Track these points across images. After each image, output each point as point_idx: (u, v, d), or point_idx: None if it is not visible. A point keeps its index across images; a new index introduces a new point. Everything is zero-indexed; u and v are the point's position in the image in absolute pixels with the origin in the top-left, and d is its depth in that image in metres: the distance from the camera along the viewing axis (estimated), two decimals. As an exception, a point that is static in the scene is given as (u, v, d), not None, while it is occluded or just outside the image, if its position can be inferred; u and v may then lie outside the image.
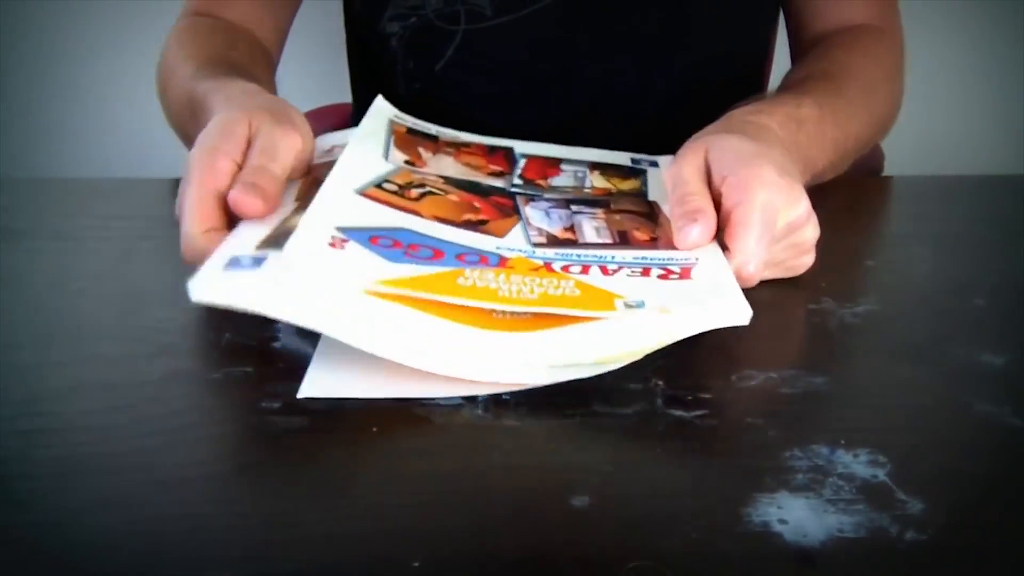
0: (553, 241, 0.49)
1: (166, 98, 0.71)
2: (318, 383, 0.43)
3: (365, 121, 0.62)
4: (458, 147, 0.63)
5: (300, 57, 1.34)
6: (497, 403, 0.42)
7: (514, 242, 0.49)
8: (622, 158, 0.64)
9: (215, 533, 0.35)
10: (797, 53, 0.81)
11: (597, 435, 0.40)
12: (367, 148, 0.58)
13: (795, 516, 0.35)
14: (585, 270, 0.46)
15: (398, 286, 0.42)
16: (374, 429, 0.40)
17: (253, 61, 0.72)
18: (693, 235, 0.49)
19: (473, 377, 0.42)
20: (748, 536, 0.34)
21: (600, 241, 0.50)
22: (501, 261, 0.46)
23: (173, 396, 0.43)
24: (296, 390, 0.42)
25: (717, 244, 0.50)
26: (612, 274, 0.46)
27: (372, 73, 0.83)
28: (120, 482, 0.37)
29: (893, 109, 0.75)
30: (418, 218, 0.50)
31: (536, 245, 0.49)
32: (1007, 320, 0.51)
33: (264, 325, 0.48)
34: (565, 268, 0.46)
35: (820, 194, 0.71)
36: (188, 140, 0.67)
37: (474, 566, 0.33)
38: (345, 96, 0.91)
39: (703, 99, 0.78)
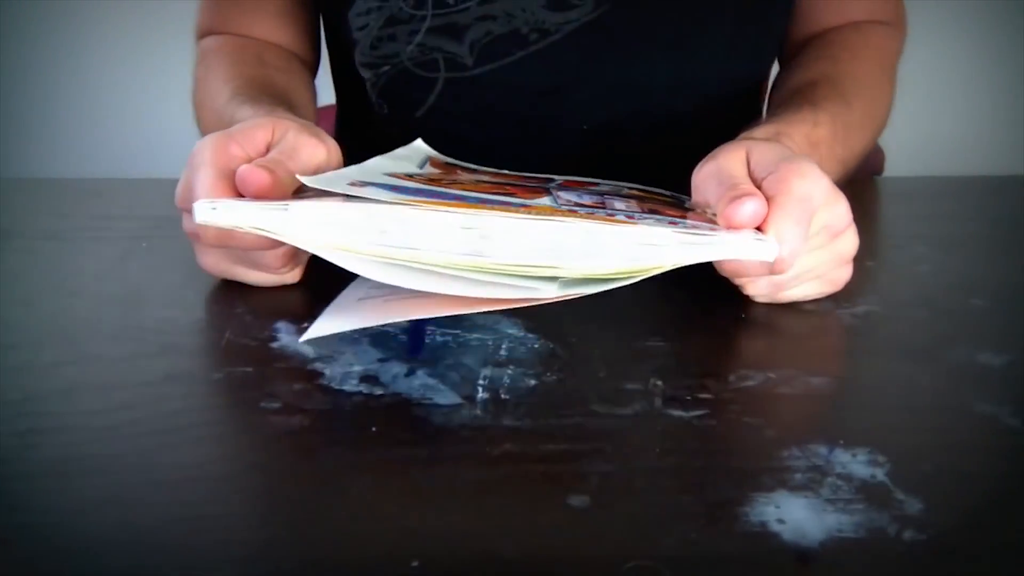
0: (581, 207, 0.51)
1: (203, 128, 0.69)
2: (319, 327, 0.43)
3: (400, 149, 0.62)
4: (496, 175, 0.63)
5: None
6: (496, 403, 0.42)
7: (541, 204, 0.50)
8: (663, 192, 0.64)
9: (215, 533, 0.35)
10: (791, 49, 0.76)
11: (597, 435, 0.40)
12: (399, 160, 0.59)
13: (794, 516, 0.35)
14: (610, 218, 0.46)
15: (411, 203, 0.43)
16: (373, 429, 0.40)
17: (289, 75, 0.71)
18: (746, 208, 0.45)
19: (480, 295, 0.41)
20: (747, 536, 0.34)
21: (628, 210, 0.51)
22: (524, 208, 0.47)
23: (173, 396, 0.43)
24: (296, 390, 0.42)
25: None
26: (637, 223, 0.46)
27: (355, 109, 0.81)
28: (120, 482, 0.37)
29: (889, 108, 0.72)
30: (443, 188, 0.51)
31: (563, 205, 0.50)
32: (1007, 320, 0.51)
33: (264, 325, 0.48)
34: (590, 215, 0.47)
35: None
36: None
37: (473, 566, 0.33)
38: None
39: (695, 147, 0.74)
